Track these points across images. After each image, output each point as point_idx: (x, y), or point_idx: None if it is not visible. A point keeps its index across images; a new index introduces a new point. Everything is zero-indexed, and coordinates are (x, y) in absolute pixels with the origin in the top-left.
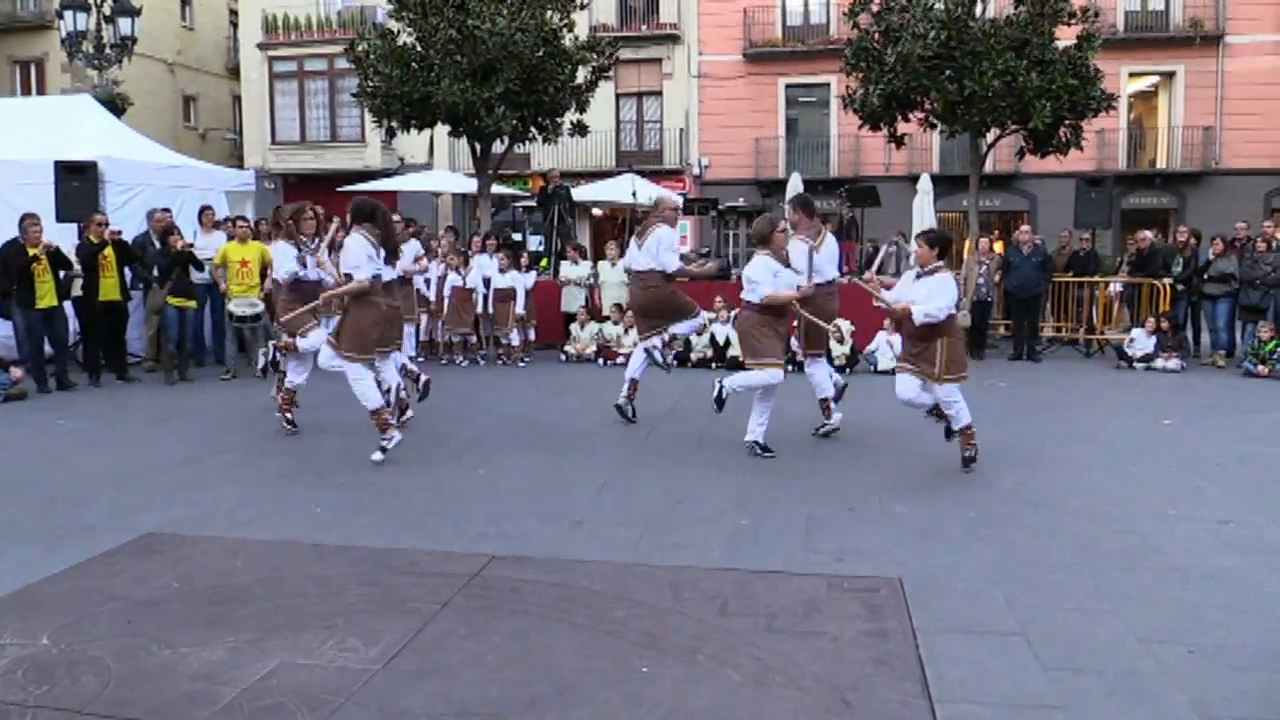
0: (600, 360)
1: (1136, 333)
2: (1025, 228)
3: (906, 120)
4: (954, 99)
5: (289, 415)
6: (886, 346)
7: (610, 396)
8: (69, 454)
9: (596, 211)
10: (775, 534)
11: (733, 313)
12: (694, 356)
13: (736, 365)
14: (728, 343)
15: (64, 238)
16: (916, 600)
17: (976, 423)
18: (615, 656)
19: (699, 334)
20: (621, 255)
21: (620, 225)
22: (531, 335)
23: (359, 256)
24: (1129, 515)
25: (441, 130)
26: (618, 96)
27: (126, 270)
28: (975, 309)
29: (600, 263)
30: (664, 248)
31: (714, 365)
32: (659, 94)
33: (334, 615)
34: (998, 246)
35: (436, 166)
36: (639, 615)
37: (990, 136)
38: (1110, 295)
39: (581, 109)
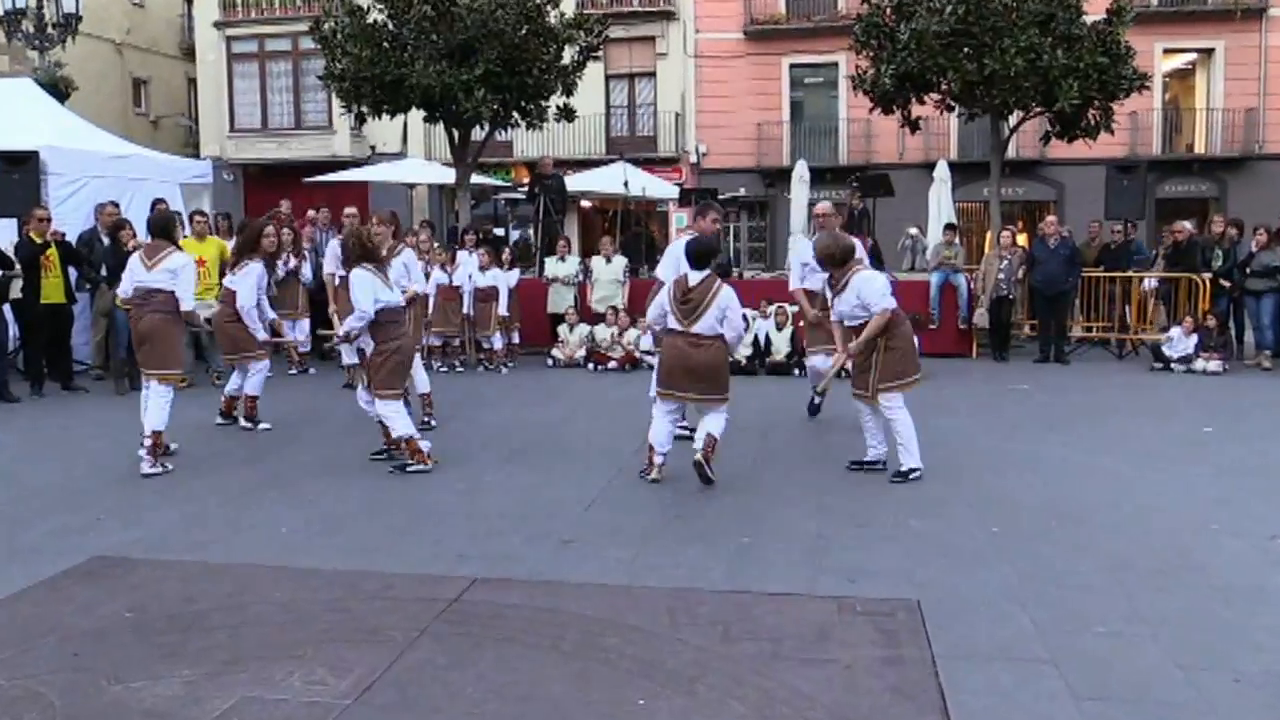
0: (591, 365)
1: (1174, 331)
2: (1051, 218)
3: (922, 102)
4: (973, 79)
5: (423, 462)
6: None
7: (602, 403)
8: (9, 470)
9: (585, 203)
10: (780, 553)
11: (773, 308)
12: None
13: (738, 369)
14: (769, 343)
15: (1, 235)
16: (936, 624)
17: (999, 429)
18: (608, 687)
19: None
20: (616, 251)
21: (611, 218)
22: (515, 338)
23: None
24: (1167, 530)
25: (416, 116)
26: (608, 78)
27: (72, 270)
28: (996, 307)
29: (593, 259)
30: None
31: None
32: (652, 75)
33: (301, 645)
34: (1021, 239)
35: (411, 155)
36: (633, 642)
37: (1013, 120)
38: (1144, 292)
39: (568, 92)
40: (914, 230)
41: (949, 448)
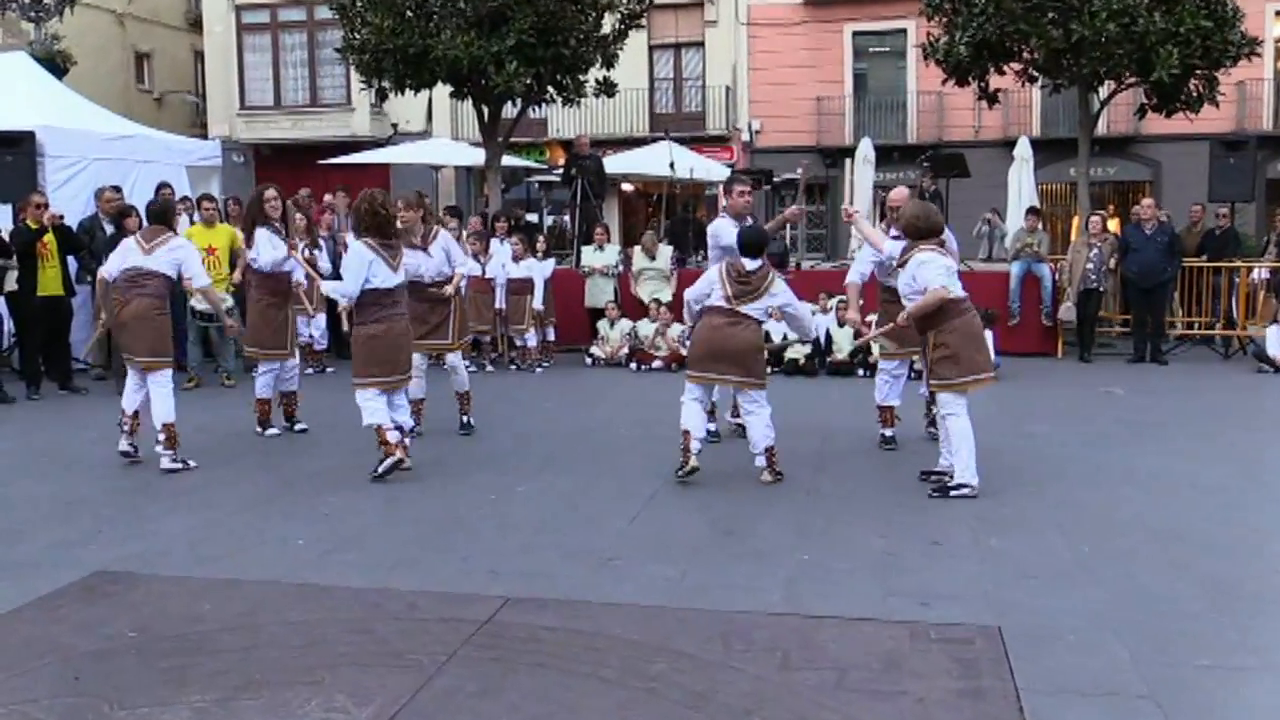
0: (633, 364)
1: (1271, 329)
2: (1147, 201)
3: (1001, 73)
4: (1059, 46)
5: (391, 454)
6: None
7: (646, 406)
8: (2, 479)
9: (627, 186)
10: (845, 572)
11: (834, 301)
12: (786, 357)
13: (796, 369)
14: (830, 342)
15: None
16: (1019, 653)
17: (1089, 437)
18: (655, 719)
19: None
20: (662, 239)
21: (655, 204)
22: (550, 335)
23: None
24: (1277, 550)
25: (442, 91)
26: (651, 48)
27: (71, 260)
28: (1084, 300)
29: (634, 250)
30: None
31: (770, 370)
32: (701, 45)
33: (318, 669)
34: (1113, 225)
35: (436, 135)
36: (682, 670)
37: (1104, 91)
38: (1253, 283)
39: (608, 64)
40: (989, 215)
41: (1033, 457)
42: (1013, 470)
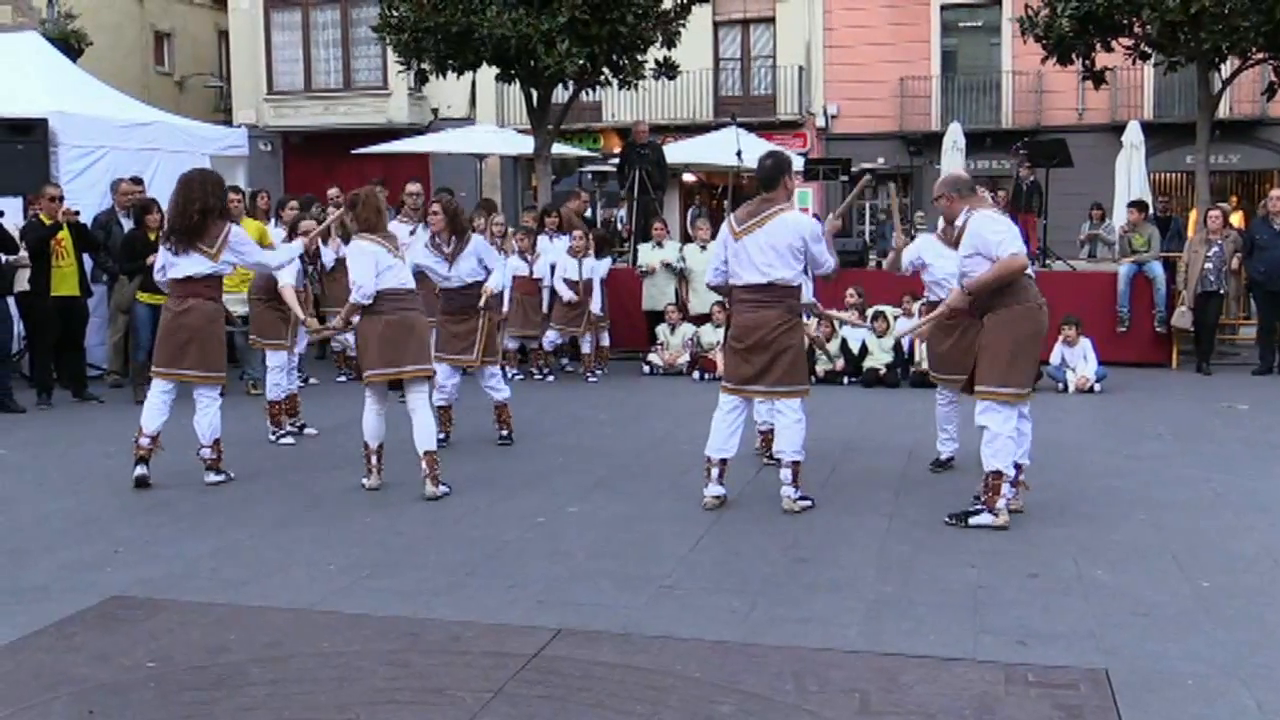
0: (696, 373)
1: None
2: (1276, 193)
3: (1108, 49)
4: (1176, 18)
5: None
6: (1081, 359)
7: (709, 419)
8: (12, 495)
9: (689, 177)
10: (932, 606)
11: (871, 312)
12: (820, 369)
13: (876, 379)
14: (864, 350)
15: (6, 218)
16: (1130, 700)
17: (1209, 458)
18: None
19: (827, 340)
20: (713, 235)
21: (720, 195)
22: (605, 340)
23: None
24: None
25: (487, 74)
26: (717, 25)
27: (86, 258)
28: (1202, 304)
29: (687, 248)
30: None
31: (846, 380)
32: (771, 21)
33: (352, 705)
34: (1236, 219)
35: (480, 121)
36: (750, 712)
37: (1226, 69)
38: None
39: (669, 43)
40: (1095, 212)
41: (1144, 481)
42: (1122, 495)
